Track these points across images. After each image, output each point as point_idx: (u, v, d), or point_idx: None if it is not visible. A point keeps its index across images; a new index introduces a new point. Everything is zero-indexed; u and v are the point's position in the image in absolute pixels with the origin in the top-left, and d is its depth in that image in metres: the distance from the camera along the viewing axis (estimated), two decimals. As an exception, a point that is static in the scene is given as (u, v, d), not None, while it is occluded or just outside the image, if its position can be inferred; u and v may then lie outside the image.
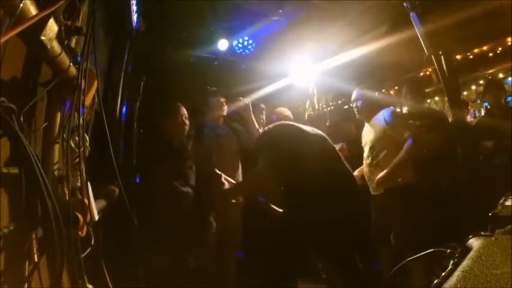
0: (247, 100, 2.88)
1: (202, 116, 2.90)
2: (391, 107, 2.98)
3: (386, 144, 2.75)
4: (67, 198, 1.20)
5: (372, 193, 2.85)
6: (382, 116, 2.79)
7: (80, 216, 1.21)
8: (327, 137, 2.24)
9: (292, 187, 2.01)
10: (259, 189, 2.19)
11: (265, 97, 3.43)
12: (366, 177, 2.90)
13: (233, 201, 2.61)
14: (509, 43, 4.24)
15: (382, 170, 2.73)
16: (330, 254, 2.09)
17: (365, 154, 2.90)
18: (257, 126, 2.91)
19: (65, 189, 1.22)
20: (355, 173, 2.81)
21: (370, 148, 2.85)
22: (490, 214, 2.27)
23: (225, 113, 2.92)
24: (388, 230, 2.76)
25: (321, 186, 1.92)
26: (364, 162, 2.92)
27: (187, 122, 2.74)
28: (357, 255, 2.14)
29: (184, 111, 2.74)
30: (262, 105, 3.28)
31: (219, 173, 2.30)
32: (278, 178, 2.00)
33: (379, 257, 2.85)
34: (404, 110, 3.66)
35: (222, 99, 2.88)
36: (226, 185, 2.26)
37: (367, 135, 2.92)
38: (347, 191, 2.10)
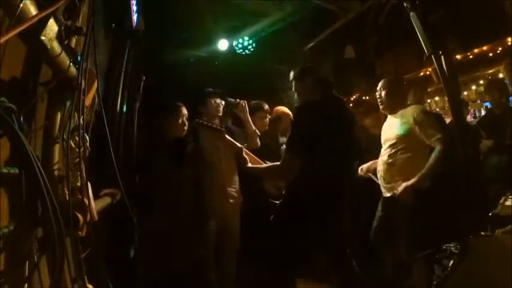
0: (243, 102, 2.86)
1: (198, 116, 2.89)
2: (421, 105, 2.83)
3: (410, 144, 2.59)
4: (67, 198, 1.20)
5: (383, 194, 2.74)
6: (411, 113, 2.60)
7: (80, 216, 1.21)
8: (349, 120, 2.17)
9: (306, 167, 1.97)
10: (284, 177, 2.16)
11: (265, 97, 3.42)
12: (378, 175, 2.76)
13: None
14: (509, 43, 4.24)
15: (397, 171, 2.60)
16: (327, 246, 2.09)
17: (383, 150, 2.74)
18: (254, 127, 2.90)
19: (65, 189, 1.21)
20: (365, 165, 2.77)
21: (391, 146, 2.67)
22: (490, 214, 2.27)
23: (221, 114, 2.92)
24: (389, 230, 2.74)
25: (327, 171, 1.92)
26: (380, 158, 2.76)
27: (186, 122, 2.75)
28: (351, 252, 2.15)
29: (185, 111, 2.75)
30: (266, 107, 3.28)
31: (240, 146, 2.30)
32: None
33: (378, 257, 2.84)
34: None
35: (218, 100, 2.87)
36: (248, 162, 2.26)
37: (389, 130, 2.75)
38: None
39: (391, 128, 2.74)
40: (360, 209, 3.08)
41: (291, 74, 2.34)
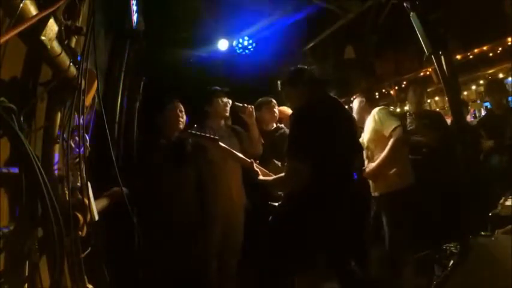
0: (251, 107, 2.84)
1: (204, 115, 2.86)
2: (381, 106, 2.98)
3: (378, 142, 2.73)
4: (67, 198, 1.20)
5: (372, 194, 2.83)
6: (372, 114, 2.79)
7: (80, 216, 1.21)
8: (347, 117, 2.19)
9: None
10: (289, 188, 2.13)
11: (272, 96, 3.42)
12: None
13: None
14: (509, 43, 4.25)
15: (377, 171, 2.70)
16: (327, 246, 2.08)
17: (364, 156, 2.88)
18: (258, 133, 2.87)
19: (65, 189, 1.22)
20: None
21: (366, 149, 2.83)
22: (490, 214, 2.27)
23: (227, 114, 2.89)
24: (384, 231, 2.74)
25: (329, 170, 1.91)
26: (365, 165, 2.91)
27: (183, 116, 2.73)
28: (351, 254, 2.15)
29: (180, 105, 2.73)
30: (274, 101, 3.27)
31: (250, 160, 2.29)
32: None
33: (374, 259, 2.84)
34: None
35: (225, 99, 2.85)
36: (260, 175, 2.25)
37: (364, 137, 2.91)
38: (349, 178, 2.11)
39: (365, 134, 2.90)
40: (360, 208, 3.08)
41: (279, 83, 2.28)
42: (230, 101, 2.85)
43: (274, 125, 3.26)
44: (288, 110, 3.47)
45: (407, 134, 2.71)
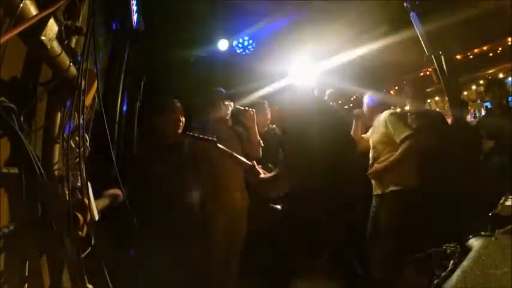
0: (252, 110, 2.85)
1: (205, 116, 2.86)
2: (392, 108, 3.00)
3: (387, 145, 2.76)
4: (67, 198, 1.20)
5: (374, 192, 2.85)
6: (383, 117, 2.81)
7: (80, 216, 1.21)
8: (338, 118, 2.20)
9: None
10: (283, 189, 2.17)
11: (266, 97, 3.43)
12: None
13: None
14: (509, 43, 4.25)
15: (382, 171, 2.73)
16: (327, 245, 2.09)
17: (370, 156, 2.92)
18: (259, 137, 2.86)
19: (65, 189, 1.21)
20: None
21: (373, 149, 2.87)
22: (490, 214, 2.27)
23: (229, 116, 2.90)
24: (384, 231, 2.74)
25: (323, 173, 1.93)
26: (369, 164, 2.94)
27: (182, 118, 2.73)
28: (351, 252, 2.16)
29: (179, 108, 2.72)
30: (266, 103, 3.28)
31: (251, 163, 2.31)
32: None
33: (372, 257, 2.84)
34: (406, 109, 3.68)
35: (227, 102, 2.85)
36: (262, 174, 2.26)
37: (372, 137, 2.94)
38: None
39: (373, 134, 2.94)
40: (361, 208, 3.09)
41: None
42: (232, 104, 2.85)
43: (266, 127, 3.28)
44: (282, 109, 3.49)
45: (419, 142, 2.70)
